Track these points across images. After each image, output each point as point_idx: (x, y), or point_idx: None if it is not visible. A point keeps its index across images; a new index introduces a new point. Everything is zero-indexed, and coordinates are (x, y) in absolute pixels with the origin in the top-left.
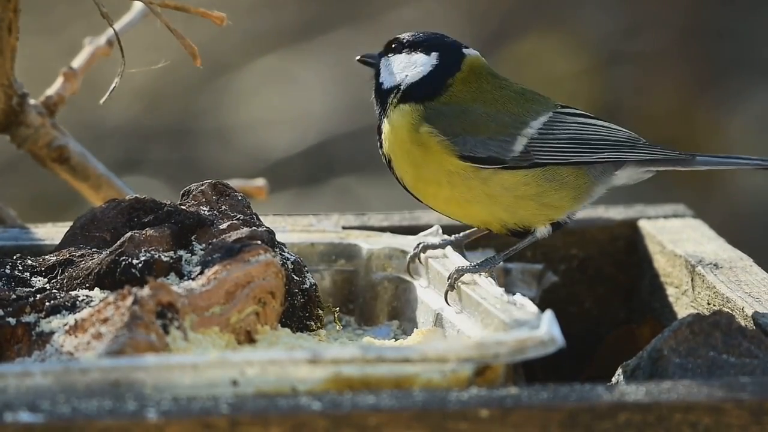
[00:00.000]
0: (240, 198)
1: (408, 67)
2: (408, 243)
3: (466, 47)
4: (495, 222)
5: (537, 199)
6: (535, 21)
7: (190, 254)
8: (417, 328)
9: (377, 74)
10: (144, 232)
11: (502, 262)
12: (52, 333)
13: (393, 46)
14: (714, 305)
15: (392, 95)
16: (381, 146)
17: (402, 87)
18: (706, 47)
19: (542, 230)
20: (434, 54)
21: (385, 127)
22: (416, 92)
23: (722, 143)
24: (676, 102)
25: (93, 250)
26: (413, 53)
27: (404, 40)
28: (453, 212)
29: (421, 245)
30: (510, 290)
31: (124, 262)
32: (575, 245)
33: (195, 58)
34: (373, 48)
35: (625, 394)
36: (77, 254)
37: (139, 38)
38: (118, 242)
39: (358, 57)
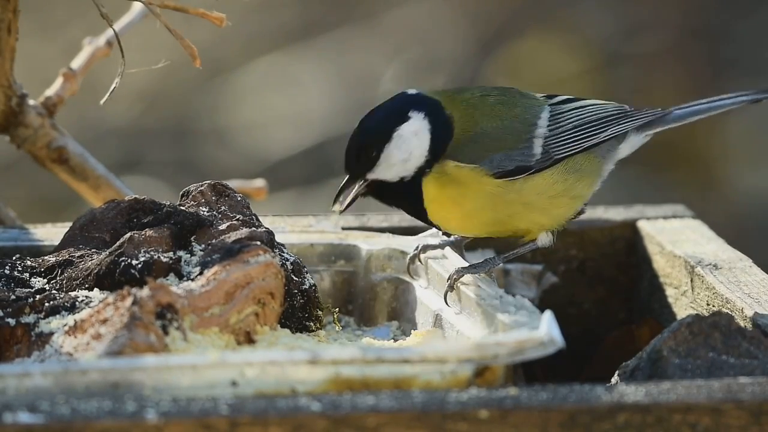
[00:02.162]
0: (239, 198)
1: (409, 144)
2: (407, 244)
3: (420, 96)
4: (535, 228)
5: (567, 193)
6: (535, 21)
7: (189, 255)
8: (416, 328)
9: (380, 184)
10: (143, 232)
11: (501, 263)
12: (51, 333)
13: (365, 158)
14: (713, 306)
15: (422, 174)
16: (423, 216)
17: (429, 157)
18: (706, 47)
19: (543, 238)
20: (412, 112)
21: (426, 196)
22: (442, 146)
23: (722, 143)
24: (676, 102)
25: (92, 250)
26: (394, 134)
27: (372, 144)
28: (497, 232)
29: (420, 246)
30: (509, 291)
31: (123, 263)
32: (575, 246)
33: (194, 59)
34: (371, 49)
35: (625, 395)
36: (76, 255)
37: (139, 39)
38: (118, 243)
39: (340, 209)
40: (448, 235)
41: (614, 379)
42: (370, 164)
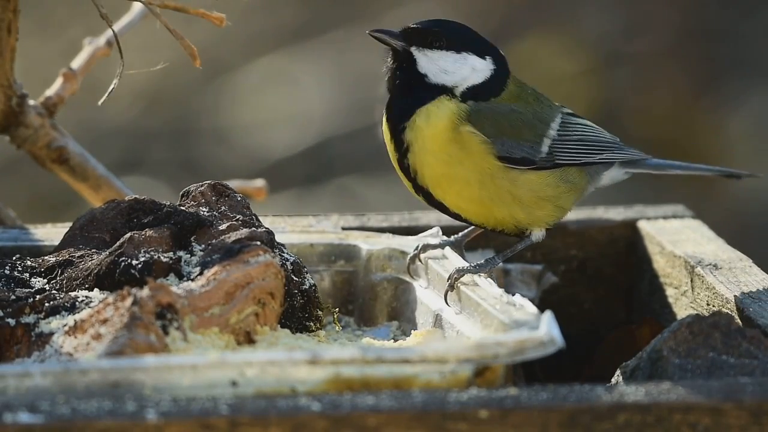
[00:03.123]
0: (239, 199)
1: (463, 68)
2: (407, 244)
3: (503, 56)
4: (510, 222)
5: (554, 201)
6: (535, 21)
7: (189, 255)
8: (416, 328)
9: (410, 61)
10: (143, 232)
11: (501, 263)
12: (51, 334)
13: (428, 38)
14: (713, 306)
15: (440, 92)
16: (401, 132)
17: (461, 88)
18: (706, 48)
19: (537, 234)
20: (489, 59)
21: (418, 117)
22: (472, 94)
23: (721, 143)
24: (676, 103)
25: (92, 250)
26: (464, 53)
27: (443, 34)
28: (472, 211)
29: (420, 245)
30: (509, 291)
31: (123, 263)
32: (575, 246)
33: (194, 59)
34: (371, 50)
35: (625, 395)
36: (77, 255)
37: (139, 39)
38: (118, 243)
39: (374, 31)
40: (447, 236)
41: (614, 379)
42: (425, 44)
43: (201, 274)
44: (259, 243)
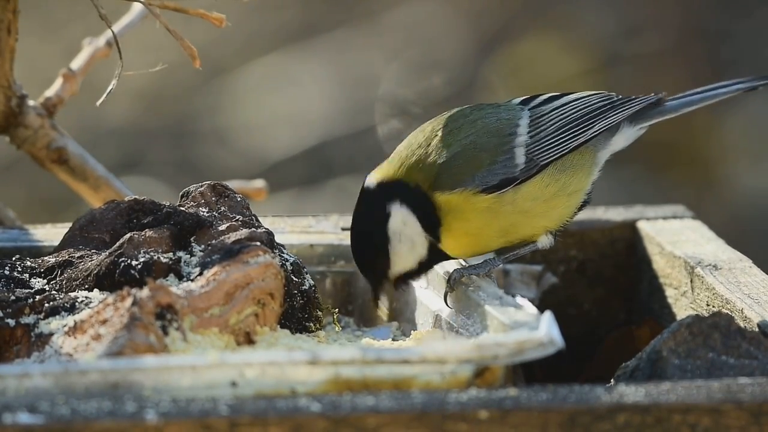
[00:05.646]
0: (239, 199)
1: (410, 240)
2: None
3: (375, 185)
4: (540, 232)
5: (563, 192)
6: (535, 21)
7: (189, 255)
8: (416, 329)
9: (407, 276)
10: (143, 233)
11: (501, 264)
12: (51, 334)
13: (381, 264)
14: (713, 306)
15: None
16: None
17: (429, 240)
18: (706, 47)
19: (544, 240)
20: (395, 206)
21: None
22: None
23: (720, 144)
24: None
25: (92, 251)
26: (394, 236)
27: (371, 256)
28: (507, 242)
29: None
30: (509, 291)
31: (123, 264)
32: (574, 247)
33: (194, 60)
34: (371, 50)
35: (624, 396)
36: (76, 255)
37: (139, 39)
38: (117, 243)
39: (386, 311)
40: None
41: (614, 379)
42: (386, 269)
43: (201, 274)
44: (258, 243)
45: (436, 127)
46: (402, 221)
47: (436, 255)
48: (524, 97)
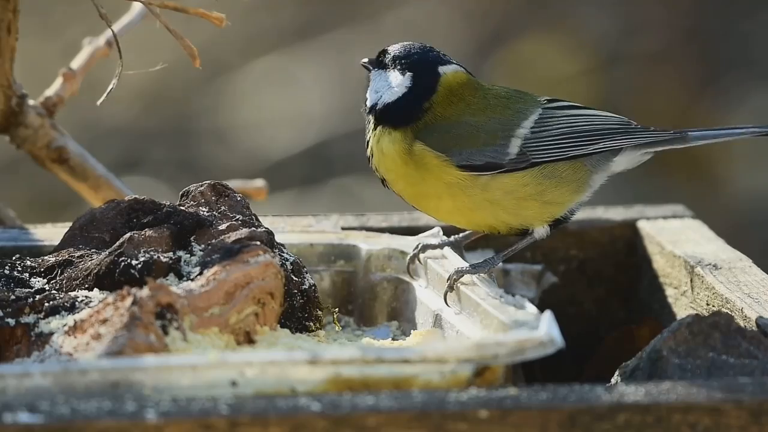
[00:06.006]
0: (239, 199)
1: (384, 87)
2: (407, 244)
3: (446, 62)
4: (501, 225)
5: (538, 197)
6: (535, 21)
7: (189, 255)
8: (416, 328)
9: (367, 85)
10: (143, 232)
11: (501, 263)
12: (51, 334)
13: (380, 58)
14: (713, 306)
15: (371, 114)
16: (372, 164)
17: (378, 107)
18: (706, 47)
19: (540, 231)
20: (408, 75)
21: (375, 148)
22: (390, 116)
23: (721, 144)
24: (676, 102)
25: (92, 250)
26: (390, 71)
27: (388, 53)
28: (458, 221)
29: (420, 245)
30: (509, 291)
31: (123, 263)
32: (574, 246)
33: (194, 59)
34: (371, 49)
35: (625, 395)
36: (76, 255)
37: (138, 39)
38: (117, 243)
39: (362, 61)
40: (448, 236)
41: (614, 379)
42: (378, 65)
43: (201, 274)
44: (258, 243)
45: (498, 93)
46: (398, 83)
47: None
48: (550, 98)
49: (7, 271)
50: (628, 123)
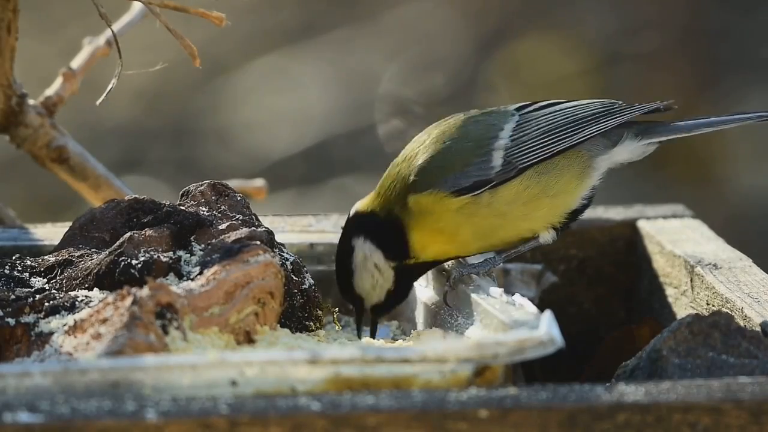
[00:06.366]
0: (239, 198)
1: (370, 275)
2: None
3: (352, 215)
4: (526, 233)
5: (544, 194)
6: (535, 21)
7: (189, 255)
8: (416, 328)
9: (386, 304)
10: (143, 232)
11: (501, 263)
12: (51, 333)
13: (354, 295)
14: (713, 305)
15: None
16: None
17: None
18: (706, 47)
19: (545, 236)
20: (358, 241)
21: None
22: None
23: (721, 143)
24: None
25: (92, 250)
26: (357, 271)
27: (345, 286)
28: (492, 245)
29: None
30: (509, 290)
31: (123, 263)
32: (574, 246)
33: (194, 59)
34: (371, 50)
35: (625, 395)
36: (76, 254)
37: (139, 38)
38: (117, 242)
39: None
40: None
41: (614, 378)
42: (361, 301)
43: (201, 273)
44: (258, 242)
45: (424, 135)
46: (363, 256)
47: (407, 279)
48: (522, 103)
49: (7, 271)
50: (612, 104)
